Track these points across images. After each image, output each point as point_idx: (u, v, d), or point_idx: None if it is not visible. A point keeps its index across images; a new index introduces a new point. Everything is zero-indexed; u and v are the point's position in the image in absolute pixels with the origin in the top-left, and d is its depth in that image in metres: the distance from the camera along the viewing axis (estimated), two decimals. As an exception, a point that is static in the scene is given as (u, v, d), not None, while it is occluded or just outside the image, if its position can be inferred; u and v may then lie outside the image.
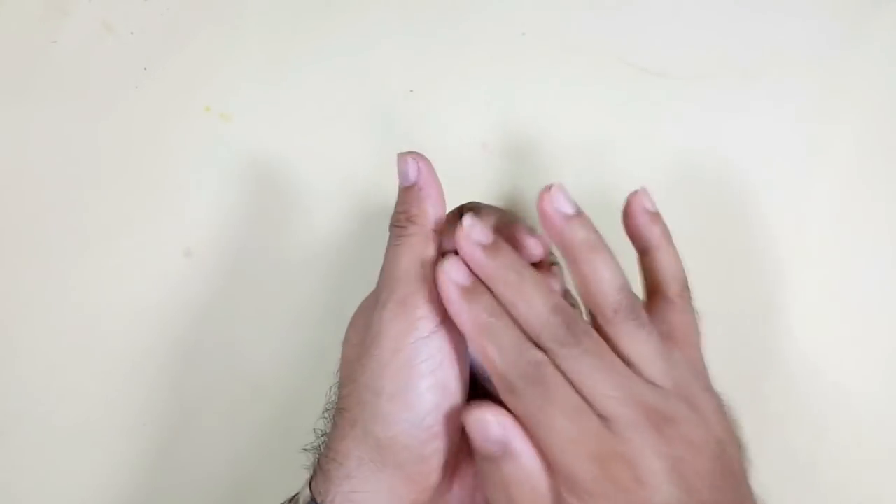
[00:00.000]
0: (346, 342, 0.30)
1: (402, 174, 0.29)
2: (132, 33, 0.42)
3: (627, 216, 0.30)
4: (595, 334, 0.26)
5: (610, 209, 0.39)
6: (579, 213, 0.28)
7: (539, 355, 0.25)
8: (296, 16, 0.42)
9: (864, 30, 0.41)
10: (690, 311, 0.29)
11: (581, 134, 0.40)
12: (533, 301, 0.26)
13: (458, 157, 0.40)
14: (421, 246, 0.28)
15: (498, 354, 0.25)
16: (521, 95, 0.41)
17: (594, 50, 0.41)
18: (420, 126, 0.41)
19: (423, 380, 0.26)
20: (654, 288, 0.30)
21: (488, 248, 0.27)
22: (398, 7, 0.42)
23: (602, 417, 0.24)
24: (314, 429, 0.29)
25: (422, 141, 0.40)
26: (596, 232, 0.28)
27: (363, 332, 0.28)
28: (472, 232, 0.27)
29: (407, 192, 0.29)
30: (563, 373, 0.25)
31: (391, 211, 0.39)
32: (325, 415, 0.29)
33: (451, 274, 0.27)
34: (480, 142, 0.40)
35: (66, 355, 0.38)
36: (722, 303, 0.38)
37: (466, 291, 0.26)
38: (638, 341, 0.26)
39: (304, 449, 0.29)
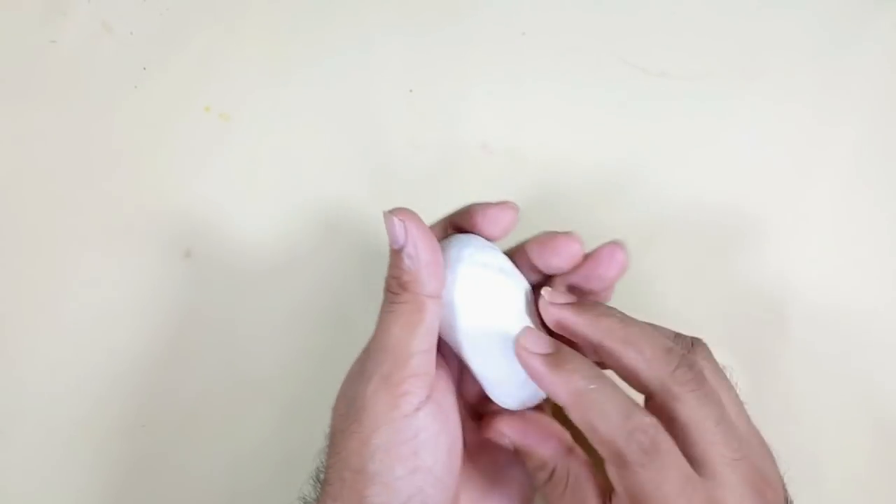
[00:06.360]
0: (334, 411, 0.28)
1: (391, 236, 0.27)
2: (131, 33, 0.42)
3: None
4: (709, 377, 0.25)
5: (610, 210, 0.39)
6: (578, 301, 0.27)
7: (649, 420, 0.23)
8: (296, 16, 0.42)
9: (864, 30, 0.41)
10: (700, 388, 0.25)
11: (581, 134, 0.40)
12: (641, 345, 0.24)
13: (458, 157, 0.40)
14: (413, 315, 0.26)
15: (603, 423, 0.23)
16: (521, 95, 0.41)
17: (594, 50, 0.41)
18: (420, 126, 0.41)
19: (404, 463, 0.25)
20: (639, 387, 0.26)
21: (576, 306, 0.26)
22: (398, 7, 0.42)
23: (709, 477, 0.23)
24: (300, 496, 0.28)
25: (422, 141, 0.40)
26: (606, 307, 0.26)
27: (349, 403, 0.26)
28: (554, 297, 0.26)
29: (397, 255, 0.27)
30: (678, 422, 0.24)
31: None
32: (311, 481, 0.28)
33: (531, 346, 0.25)
34: (480, 142, 0.40)
35: (66, 355, 0.38)
36: (720, 302, 0.38)
37: (553, 359, 0.25)
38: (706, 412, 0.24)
39: None
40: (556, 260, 0.28)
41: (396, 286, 0.26)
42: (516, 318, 0.27)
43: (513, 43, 0.41)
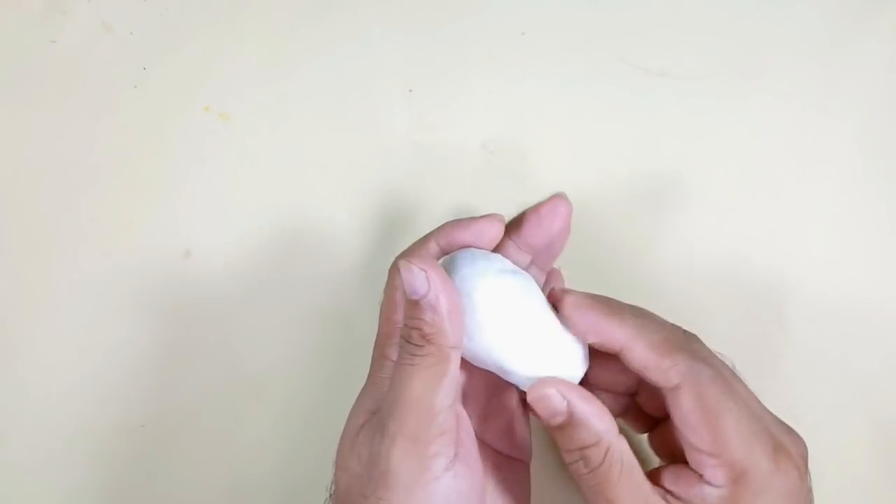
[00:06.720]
0: (342, 468, 0.26)
1: (409, 287, 0.25)
2: (131, 33, 0.42)
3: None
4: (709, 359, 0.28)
5: (610, 210, 0.39)
6: None
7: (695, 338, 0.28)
8: (295, 16, 0.42)
9: (864, 29, 0.41)
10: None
11: (581, 134, 0.40)
12: (642, 340, 0.27)
13: (457, 157, 0.40)
14: (437, 368, 0.25)
15: (662, 345, 0.26)
16: (521, 95, 0.41)
17: (594, 50, 0.41)
18: (420, 126, 0.41)
19: None
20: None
21: (596, 304, 0.27)
22: (398, 7, 0.42)
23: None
24: None
25: (422, 141, 0.40)
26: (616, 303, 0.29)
27: (365, 464, 0.25)
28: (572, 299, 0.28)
29: (417, 306, 0.25)
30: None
31: (390, 212, 0.40)
32: None
33: (579, 301, 0.27)
34: (480, 142, 0.40)
35: (66, 355, 0.38)
36: (720, 303, 0.38)
37: (604, 306, 0.27)
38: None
39: None
40: (559, 222, 0.31)
41: (418, 338, 0.25)
42: (544, 314, 0.28)
43: (513, 42, 0.41)
